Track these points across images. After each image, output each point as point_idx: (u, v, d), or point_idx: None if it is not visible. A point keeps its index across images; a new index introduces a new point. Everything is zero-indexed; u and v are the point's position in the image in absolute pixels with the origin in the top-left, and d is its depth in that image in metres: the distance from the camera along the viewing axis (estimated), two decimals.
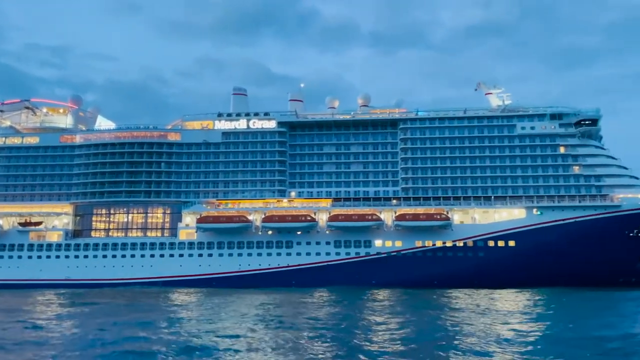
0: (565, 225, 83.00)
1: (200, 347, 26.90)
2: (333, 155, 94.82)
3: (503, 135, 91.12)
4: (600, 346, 26.61)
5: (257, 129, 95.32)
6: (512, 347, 26.40)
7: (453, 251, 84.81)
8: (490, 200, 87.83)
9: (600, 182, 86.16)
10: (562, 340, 28.77)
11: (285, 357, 24.84)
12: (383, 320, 40.01)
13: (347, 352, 26.78)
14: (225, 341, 28.56)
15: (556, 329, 33.69)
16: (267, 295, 67.03)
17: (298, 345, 27.93)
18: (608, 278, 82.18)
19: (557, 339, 29.92)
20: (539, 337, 30.05)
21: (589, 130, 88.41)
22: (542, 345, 27.27)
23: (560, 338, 29.73)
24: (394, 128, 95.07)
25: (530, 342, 28.18)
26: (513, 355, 24.60)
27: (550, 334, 31.44)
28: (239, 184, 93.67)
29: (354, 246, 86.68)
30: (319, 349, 27.22)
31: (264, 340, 29.01)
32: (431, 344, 28.86)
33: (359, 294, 69.47)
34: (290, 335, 31.25)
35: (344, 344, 28.89)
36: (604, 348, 26.02)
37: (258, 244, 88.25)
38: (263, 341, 28.90)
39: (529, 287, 78.54)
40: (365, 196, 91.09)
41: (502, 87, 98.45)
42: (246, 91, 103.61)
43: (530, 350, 25.62)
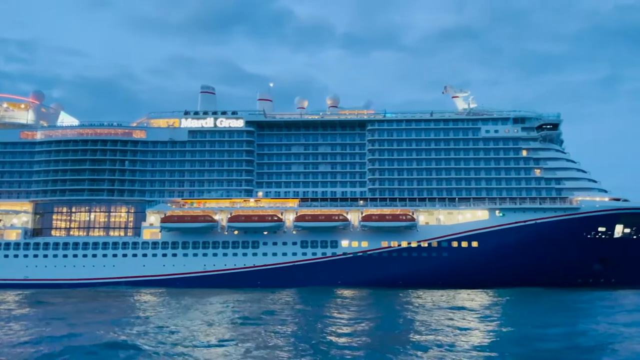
0: (526, 227, 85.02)
1: (145, 345, 26.43)
2: (301, 155, 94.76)
3: (468, 138, 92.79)
4: (534, 345, 27.37)
5: (225, 128, 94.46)
6: (457, 343, 26.90)
7: (418, 251, 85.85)
8: (455, 201, 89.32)
9: (560, 185, 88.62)
10: (504, 337, 29.48)
11: (248, 353, 24.66)
12: (346, 317, 40.19)
13: (311, 347, 26.81)
14: (185, 340, 28.14)
15: (503, 326, 34.46)
16: (232, 294, 66.42)
17: (261, 341, 27.75)
18: (567, 279, 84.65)
19: (500, 335, 30.64)
20: (484, 334, 30.70)
21: (550, 134, 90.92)
22: (485, 342, 27.88)
23: (503, 335, 30.47)
24: (362, 129, 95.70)
25: (475, 339, 28.73)
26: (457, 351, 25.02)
27: (495, 331, 32.18)
28: (205, 183, 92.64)
29: (320, 246, 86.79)
30: (281, 344, 27.11)
31: (228, 338, 28.69)
32: (389, 338, 29.23)
33: (324, 294, 69.57)
34: (253, 331, 31.03)
35: (306, 339, 28.90)
36: (537, 347, 26.75)
37: (224, 244, 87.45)
38: (227, 338, 28.59)
39: (491, 287, 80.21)
40: (333, 196, 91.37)
41: (469, 91, 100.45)
42: (214, 90, 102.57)
43: (473, 347, 26.07)
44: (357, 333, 31.78)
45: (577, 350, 26.00)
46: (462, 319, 38.67)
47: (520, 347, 26.85)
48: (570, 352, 25.60)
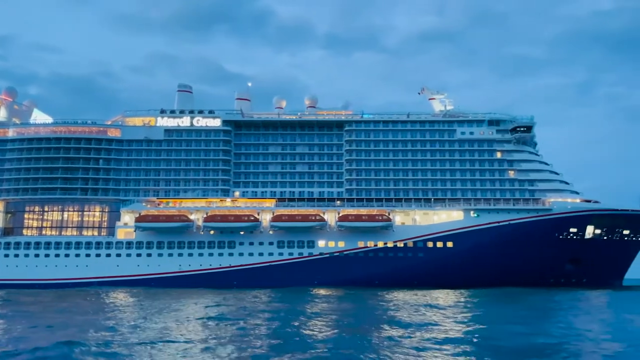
0: (500, 228, 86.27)
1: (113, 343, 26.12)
2: (279, 155, 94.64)
3: (444, 139, 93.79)
4: (493, 342, 27.92)
5: (201, 127, 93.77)
6: (422, 339, 27.33)
7: (394, 251, 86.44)
8: (431, 202, 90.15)
9: (533, 187, 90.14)
10: (469, 334, 29.93)
11: (219, 352, 24.53)
12: (321, 315, 40.31)
13: (284, 344, 26.91)
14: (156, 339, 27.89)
15: (468, 324, 34.98)
16: (207, 294, 65.84)
17: (232, 340, 27.65)
18: (540, 278, 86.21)
19: (465, 332, 31.15)
20: (450, 331, 31.16)
21: (524, 136, 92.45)
22: (449, 338, 28.35)
23: (468, 332, 30.94)
24: (339, 129, 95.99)
25: (440, 335, 29.20)
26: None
27: (459, 329, 32.66)
28: (181, 183, 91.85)
29: (297, 246, 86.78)
30: (254, 342, 27.04)
31: (198, 338, 28.46)
32: (361, 334, 29.54)
33: (300, 293, 69.42)
34: (224, 331, 30.86)
35: (280, 337, 28.96)
36: (496, 344, 27.27)
37: (199, 244, 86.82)
38: (198, 339, 28.36)
39: (466, 287, 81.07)
40: (310, 197, 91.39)
41: (445, 93, 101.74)
42: (191, 88, 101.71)
43: (437, 343, 26.47)
44: (330, 330, 31.99)
45: (533, 349, 26.52)
46: (431, 316, 39.09)
47: (479, 344, 27.29)
48: (526, 351, 26.12)
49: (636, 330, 35.08)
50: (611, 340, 29.42)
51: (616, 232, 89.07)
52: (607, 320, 39.19)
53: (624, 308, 50.18)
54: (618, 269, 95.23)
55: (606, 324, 37.30)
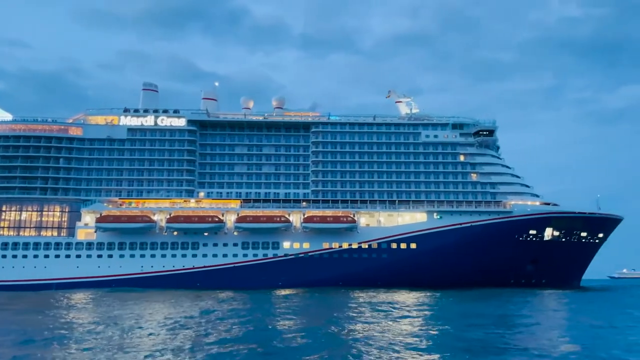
0: (462, 229, 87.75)
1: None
2: (245, 156, 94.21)
3: (409, 142, 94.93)
4: (436, 339, 28.56)
5: (166, 127, 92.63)
6: (374, 336, 27.69)
7: (358, 253, 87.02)
8: (395, 204, 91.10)
9: (495, 189, 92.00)
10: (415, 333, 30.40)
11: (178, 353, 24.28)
12: (283, 315, 40.38)
13: (244, 343, 26.95)
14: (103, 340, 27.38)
15: (421, 323, 35.52)
16: (169, 295, 65.03)
17: (192, 342, 27.41)
18: (501, 279, 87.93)
19: (415, 331, 31.62)
20: (404, 329, 31.62)
21: (486, 140, 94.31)
22: (401, 336, 28.75)
23: (419, 330, 31.45)
24: (306, 131, 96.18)
25: (393, 334, 29.59)
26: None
27: (410, 327, 33.19)
28: (144, 183, 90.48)
29: (262, 248, 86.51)
30: (215, 343, 26.86)
31: (158, 340, 28.09)
32: (323, 331, 29.84)
33: (264, 294, 69.20)
34: (182, 332, 30.55)
35: (240, 337, 28.93)
36: (441, 342, 27.87)
37: (162, 245, 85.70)
38: (158, 340, 28.00)
39: (429, 287, 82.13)
40: (276, 198, 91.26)
41: (411, 97, 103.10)
42: (157, 87, 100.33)
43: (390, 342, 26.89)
44: (292, 329, 32.29)
45: (486, 346, 27.16)
46: (387, 315, 39.63)
47: (435, 341, 27.92)
48: (479, 349, 26.76)
49: (583, 327, 36.03)
50: (561, 337, 30.25)
51: (574, 234, 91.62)
52: (559, 319, 40.20)
53: (579, 309, 51.42)
54: (576, 270, 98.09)
55: (559, 322, 38.29)
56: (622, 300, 67.00)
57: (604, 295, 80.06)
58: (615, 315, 43.02)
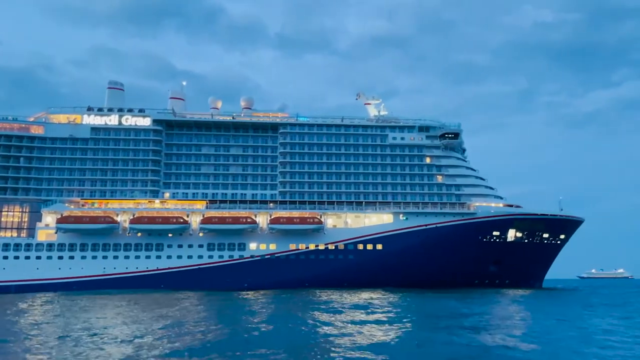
0: (427, 231, 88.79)
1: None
2: (211, 156, 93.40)
3: (376, 144, 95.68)
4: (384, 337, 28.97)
5: (130, 126, 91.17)
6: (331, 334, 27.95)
7: (325, 254, 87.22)
8: (362, 205, 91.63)
9: (459, 191, 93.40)
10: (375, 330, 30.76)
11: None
12: (246, 316, 40.27)
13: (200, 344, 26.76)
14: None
15: (379, 323, 35.90)
16: (131, 298, 64.01)
17: (151, 344, 27.02)
18: (465, 280, 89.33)
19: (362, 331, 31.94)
20: (363, 328, 32.00)
21: (452, 142, 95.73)
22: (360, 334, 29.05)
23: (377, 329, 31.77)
24: (274, 132, 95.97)
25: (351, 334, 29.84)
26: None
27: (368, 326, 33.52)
28: (107, 183, 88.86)
29: (227, 249, 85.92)
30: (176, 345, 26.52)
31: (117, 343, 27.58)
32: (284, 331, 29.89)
33: (229, 295, 68.78)
34: (143, 335, 30.06)
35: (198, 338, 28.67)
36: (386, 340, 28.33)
37: (125, 247, 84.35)
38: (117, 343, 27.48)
39: (395, 288, 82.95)
40: (242, 199, 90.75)
41: (380, 99, 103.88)
42: (123, 85, 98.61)
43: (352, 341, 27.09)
44: (248, 329, 32.39)
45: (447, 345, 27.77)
46: (349, 316, 39.95)
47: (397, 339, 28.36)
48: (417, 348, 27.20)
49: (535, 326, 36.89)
50: (515, 336, 30.91)
51: (536, 235, 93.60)
52: (514, 319, 40.97)
53: (536, 309, 52.48)
54: (539, 271, 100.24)
55: (515, 322, 39.04)
56: (572, 300, 68.75)
57: (563, 295, 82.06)
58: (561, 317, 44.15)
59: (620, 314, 46.06)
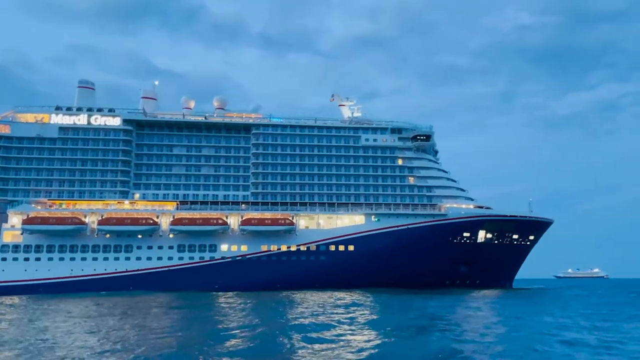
0: (399, 232, 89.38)
1: None
2: (183, 157, 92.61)
3: (349, 145, 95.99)
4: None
5: (100, 126, 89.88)
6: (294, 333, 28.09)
7: (297, 255, 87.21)
8: (335, 206, 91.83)
9: (431, 193, 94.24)
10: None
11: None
12: (214, 317, 40.01)
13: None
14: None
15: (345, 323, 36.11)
16: (99, 300, 63.08)
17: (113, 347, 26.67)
18: (436, 280, 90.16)
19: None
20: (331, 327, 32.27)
21: (424, 144, 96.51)
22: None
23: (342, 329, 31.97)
24: (247, 133, 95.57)
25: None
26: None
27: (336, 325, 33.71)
28: (76, 184, 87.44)
29: (198, 250, 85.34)
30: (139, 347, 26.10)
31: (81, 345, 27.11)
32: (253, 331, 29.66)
33: (198, 297, 68.26)
34: (105, 338, 29.59)
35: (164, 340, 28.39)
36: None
37: (94, 248, 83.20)
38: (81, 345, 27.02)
39: (367, 289, 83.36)
40: (214, 200, 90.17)
41: (354, 100, 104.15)
42: (94, 84, 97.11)
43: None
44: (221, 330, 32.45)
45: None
46: (316, 315, 40.22)
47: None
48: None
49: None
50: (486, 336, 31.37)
51: (506, 236, 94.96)
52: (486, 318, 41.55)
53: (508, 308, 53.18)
54: (509, 271, 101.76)
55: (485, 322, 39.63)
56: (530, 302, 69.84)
57: (529, 296, 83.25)
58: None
59: (561, 314, 46.48)
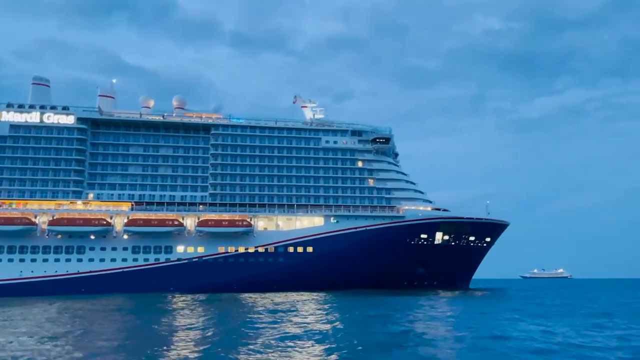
0: (358, 233, 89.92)
1: None
2: (140, 156, 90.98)
3: (309, 147, 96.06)
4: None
5: (53, 124, 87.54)
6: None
7: (254, 257, 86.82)
8: (294, 208, 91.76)
9: (390, 195, 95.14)
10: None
11: None
12: (166, 320, 39.29)
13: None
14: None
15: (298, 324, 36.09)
16: (48, 302, 61.35)
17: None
18: (394, 282, 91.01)
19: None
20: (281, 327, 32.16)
21: (383, 147, 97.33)
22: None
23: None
24: (206, 133, 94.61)
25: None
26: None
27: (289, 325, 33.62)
28: (27, 183, 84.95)
29: (153, 252, 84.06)
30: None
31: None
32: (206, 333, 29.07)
33: (152, 299, 67.13)
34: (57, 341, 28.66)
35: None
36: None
37: (45, 249, 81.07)
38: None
39: (326, 290, 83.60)
40: (171, 201, 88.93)
41: (317, 102, 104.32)
42: (49, 81, 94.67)
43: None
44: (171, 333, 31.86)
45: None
46: (272, 317, 40.16)
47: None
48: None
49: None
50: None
51: (463, 238, 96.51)
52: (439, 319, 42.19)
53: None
54: (466, 272, 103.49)
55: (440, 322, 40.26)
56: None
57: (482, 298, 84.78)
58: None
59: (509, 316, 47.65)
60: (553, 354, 25.61)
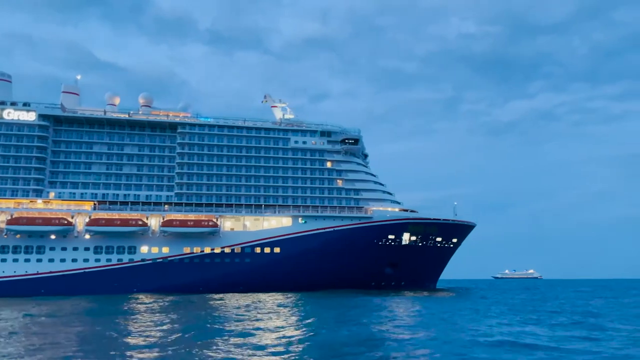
0: (326, 234, 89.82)
1: None
2: (104, 155, 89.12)
3: (278, 147, 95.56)
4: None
5: (13, 121, 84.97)
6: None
7: (221, 257, 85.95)
8: (262, 208, 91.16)
9: (358, 196, 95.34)
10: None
11: None
12: (132, 322, 38.33)
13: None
14: None
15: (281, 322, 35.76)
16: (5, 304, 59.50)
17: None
18: (362, 282, 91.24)
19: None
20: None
21: (352, 148, 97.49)
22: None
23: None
24: (173, 131, 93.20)
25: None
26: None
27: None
28: None
29: (116, 252, 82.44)
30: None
31: None
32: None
33: (114, 301, 65.71)
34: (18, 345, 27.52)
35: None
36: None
37: (2, 249, 78.79)
38: None
39: (293, 291, 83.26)
40: (135, 200, 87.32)
41: (287, 102, 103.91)
42: (10, 77, 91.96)
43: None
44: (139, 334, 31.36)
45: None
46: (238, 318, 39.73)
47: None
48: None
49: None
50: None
51: (430, 238, 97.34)
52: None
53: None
54: (433, 273, 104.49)
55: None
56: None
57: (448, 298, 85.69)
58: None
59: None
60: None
